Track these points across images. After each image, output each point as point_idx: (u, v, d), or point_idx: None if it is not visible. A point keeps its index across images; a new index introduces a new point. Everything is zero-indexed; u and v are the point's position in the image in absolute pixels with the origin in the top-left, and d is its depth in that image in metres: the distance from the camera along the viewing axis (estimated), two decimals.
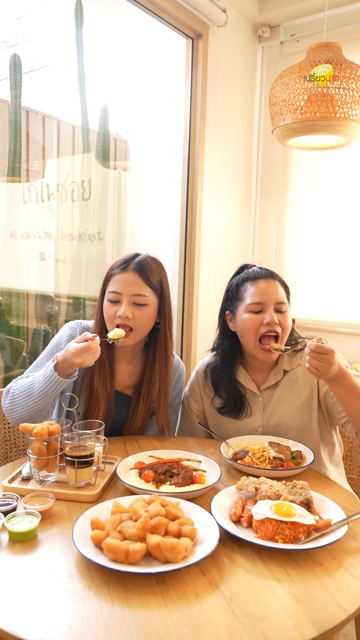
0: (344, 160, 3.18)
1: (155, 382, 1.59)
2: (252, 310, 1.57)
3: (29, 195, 2.62)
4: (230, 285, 1.69)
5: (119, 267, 1.52)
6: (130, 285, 1.49)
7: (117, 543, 0.94)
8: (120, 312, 1.48)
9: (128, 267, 1.50)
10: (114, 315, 1.49)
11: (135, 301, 1.49)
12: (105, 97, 2.67)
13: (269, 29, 3.33)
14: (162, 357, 1.60)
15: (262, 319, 1.55)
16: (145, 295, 1.50)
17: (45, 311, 2.62)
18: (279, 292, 1.57)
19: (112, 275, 1.52)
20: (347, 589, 0.91)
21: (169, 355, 1.61)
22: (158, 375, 1.60)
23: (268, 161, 3.48)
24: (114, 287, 1.50)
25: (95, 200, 2.65)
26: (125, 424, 1.64)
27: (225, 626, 0.80)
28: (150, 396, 1.60)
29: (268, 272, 1.62)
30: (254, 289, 1.57)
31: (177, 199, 3.09)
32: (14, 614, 0.82)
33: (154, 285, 1.53)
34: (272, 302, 1.56)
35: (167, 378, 1.62)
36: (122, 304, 1.49)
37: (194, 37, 2.95)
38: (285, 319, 1.57)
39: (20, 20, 2.90)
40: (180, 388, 1.74)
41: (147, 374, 1.60)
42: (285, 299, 1.59)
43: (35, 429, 1.24)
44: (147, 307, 1.51)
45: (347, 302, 3.18)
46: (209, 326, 3.27)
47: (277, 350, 1.54)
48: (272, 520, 1.04)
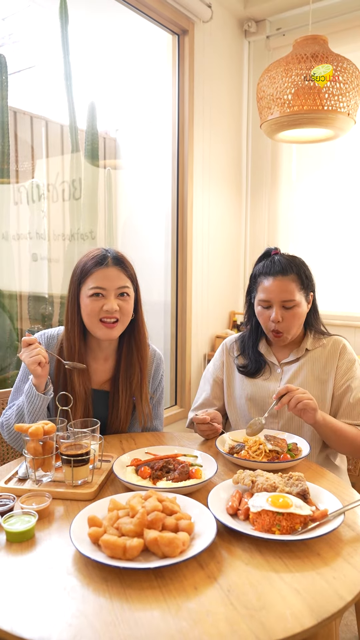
0: (333, 153, 3.19)
1: (134, 373, 1.62)
2: (261, 305, 1.67)
3: (19, 196, 2.60)
4: (253, 272, 1.76)
5: (96, 264, 1.52)
6: (115, 279, 1.51)
7: (115, 539, 0.94)
8: (108, 307, 1.49)
9: (107, 263, 1.52)
10: (99, 310, 1.50)
11: (120, 293, 1.53)
12: (92, 96, 2.66)
13: (255, 24, 3.33)
14: (140, 348, 1.63)
15: (269, 315, 1.65)
16: (128, 287, 1.55)
17: (39, 312, 2.61)
18: (287, 290, 1.62)
19: (90, 272, 1.52)
20: (344, 578, 0.91)
21: (145, 345, 1.65)
22: (137, 365, 1.62)
23: (258, 155, 3.49)
24: (98, 283, 1.50)
25: (86, 200, 2.64)
26: (107, 420, 1.63)
27: (225, 618, 0.81)
28: (129, 388, 1.61)
29: (281, 267, 1.64)
30: (265, 286, 1.65)
31: (167, 196, 3.09)
32: (12, 613, 0.82)
33: (133, 277, 1.58)
34: (279, 301, 1.63)
35: (145, 368, 1.64)
36: (106, 298, 1.50)
37: (180, 34, 2.94)
38: (292, 316, 1.64)
39: (5, 21, 2.88)
40: (161, 377, 1.75)
41: (124, 366, 1.62)
42: (294, 296, 1.62)
43: (30, 429, 1.24)
44: (130, 298, 1.56)
45: (340, 294, 3.19)
46: (203, 321, 3.28)
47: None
48: (268, 512, 1.05)
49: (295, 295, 1.63)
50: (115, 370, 1.64)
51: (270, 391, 1.70)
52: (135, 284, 1.59)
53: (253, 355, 1.77)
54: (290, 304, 1.63)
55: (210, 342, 3.37)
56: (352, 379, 1.65)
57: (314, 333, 1.74)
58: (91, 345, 1.62)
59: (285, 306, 1.63)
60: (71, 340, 1.56)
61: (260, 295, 1.67)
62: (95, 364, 1.64)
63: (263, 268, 1.68)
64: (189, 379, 3.20)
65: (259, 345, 1.79)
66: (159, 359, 1.74)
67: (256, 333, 1.79)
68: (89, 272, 1.52)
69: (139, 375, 1.62)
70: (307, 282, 1.67)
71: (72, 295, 1.56)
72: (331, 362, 1.68)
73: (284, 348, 1.76)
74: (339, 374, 1.66)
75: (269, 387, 1.71)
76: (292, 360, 1.72)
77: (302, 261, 1.70)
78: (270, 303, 1.64)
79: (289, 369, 1.72)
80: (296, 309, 1.64)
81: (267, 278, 1.65)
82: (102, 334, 1.53)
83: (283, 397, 1.47)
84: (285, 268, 1.64)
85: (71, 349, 1.56)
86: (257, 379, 1.74)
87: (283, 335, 1.66)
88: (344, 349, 1.69)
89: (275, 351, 1.77)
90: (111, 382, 1.64)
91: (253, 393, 1.73)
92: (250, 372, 1.75)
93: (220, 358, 1.85)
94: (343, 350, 1.69)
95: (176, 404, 3.26)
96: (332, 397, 1.66)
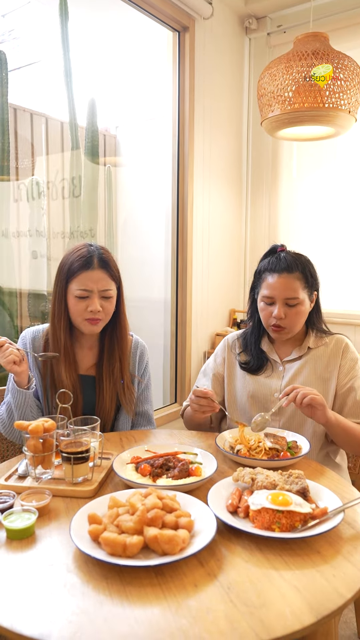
0: (334, 151, 3.18)
1: (116, 363, 1.71)
2: (265, 301, 1.68)
3: (19, 194, 2.60)
4: (258, 268, 1.76)
5: (82, 266, 1.59)
6: (99, 282, 1.59)
7: (115, 537, 0.94)
8: (92, 308, 1.58)
9: (93, 265, 1.59)
10: (84, 310, 1.59)
11: (103, 295, 1.61)
12: (92, 93, 2.65)
13: (256, 21, 3.32)
14: (120, 340, 1.71)
15: (271, 311, 1.65)
16: (111, 289, 1.63)
17: (39, 309, 2.61)
18: (291, 288, 1.62)
19: (77, 273, 1.59)
20: (344, 575, 0.91)
21: (125, 337, 1.73)
22: (118, 356, 1.71)
23: (258, 153, 3.48)
24: (83, 286, 1.58)
25: (86, 197, 2.63)
26: (96, 404, 1.71)
27: (224, 615, 0.81)
28: (112, 375, 1.70)
29: (286, 265, 1.64)
30: (269, 282, 1.66)
31: (167, 193, 3.09)
32: (12, 610, 0.82)
33: (116, 278, 1.66)
34: (282, 298, 1.63)
35: (125, 359, 1.73)
36: (91, 299, 1.59)
37: (181, 30, 2.93)
38: (295, 314, 1.64)
39: (5, 18, 2.87)
40: (146, 364, 1.84)
41: (107, 355, 1.71)
42: (298, 294, 1.63)
43: (30, 426, 1.24)
44: (113, 299, 1.64)
45: (341, 293, 3.19)
46: (203, 319, 3.27)
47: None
48: (268, 509, 1.05)
49: (299, 293, 1.63)
50: (99, 357, 1.73)
51: (272, 389, 1.70)
52: (118, 283, 1.67)
53: (255, 352, 1.77)
54: (294, 301, 1.63)
55: (210, 339, 3.37)
56: (355, 378, 1.65)
57: (316, 331, 1.74)
58: (76, 335, 1.71)
59: (289, 304, 1.63)
60: (57, 333, 1.65)
61: (264, 292, 1.67)
62: (81, 352, 1.73)
63: (268, 264, 1.68)
64: (189, 377, 3.20)
65: (261, 342, 1.79)
66: (142, 347, 1.83)
67: (259, 330, 1.79)
68: (76, 273, 1.59)
69: (119, 364, 1.71)
70: (311, 281, 1.67)
71: (59, 291, 1.64)
72: (334, 360, 1.68)
73: (286, 346, 1.76)
74: (341, 372, 1.66)
75: (270, 384, 1.71)
76: (295, 359, 1.72)
77: (307, 259, 1.70)
78: (274, 300, 1.65)
79: (291, 366, 1.72)
80: (299, 307, 1.64)
81: (271, 275, 1.65)
82: (86, 330, 1.63)
83: (289, 394, 1.46)
84: (290, 265, 1.64)
85: (58, 341, 1.65)
86: (259, 376, 1.74)
87: (284, 330, 1.66)
88: (346, 348, 1.69)
89: (277, 349, 1.77)
90: (96, 368, 1.73)
91: (255, 390, 1.73)
92: (252, 369, 1.75)
93: (222, 354, 1.85)
94: (346, 349, 1.69)
95: (176, 401, 3.26)
96: (335, 396, 1.66)
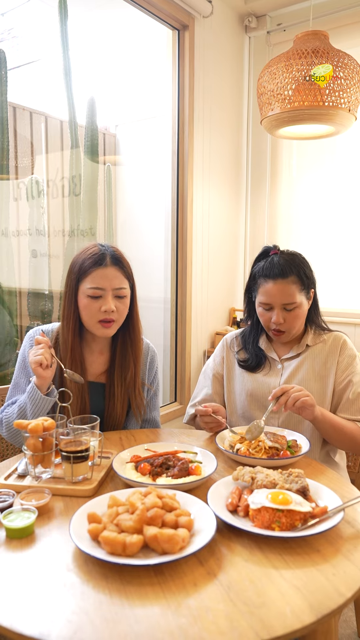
0: (334, 149, 3.18)
1: (129, 367, 1.64)
2: (262, 307, 1.67)
3: (18, 193, 2.60)
4: (252, 271, 1.75)
5: (94, 263, 1.52)
6: (113, 280, 1.53)
7: (115, 536, 0.94)
8: (106, 307, 1.51)
9: (106, 262, 1.53)
10: (97, 310, 1.52)
11: (117, 294, 1.54)
12: (92, 92, 2.65)
13: (255, 19, 3.32)
14: (134, 343, 1.65)
15: (270, 316, 1.65)
16: (125, 288, 1.56)
17: (39, 308, 2.61)
18: (287, 293, 1.62)
19: (89, 271, 1.52)
20: (344, 574, 0.91)
21: (139, 340, 1.67)
22: (132, 360, 1.65)
23: (258, 151, 3.48)
24: (96, 284, 1.51)
25: (86, 196, 2.63)
26: (105, 412, 1.65)
27: (224, 614, 0.81)
28: (124, 381, 1.64)
29: (280, 270, 1.63)
30: (265, 289, 1.65)
31: (167, 192, 3.08)
32: (12, 610, 0.82)
33: (130, 276, 1.59)
34: (279, 303, 1.63)
35: (139, 363, 1.67)
36: (104, 298, 1.52)
37: (180, 29, 2.93)
38: (294, 317, 1.64)
39: (4, 16, 2.87)
40: (156, 370, 1.78)
41: (119, 361, 1.64)
42: (295, 298, 1.62)
43: (30, 426, 1.24)
44: (126, 299, 1.58)
45: (340, 291, 3.19)
46: (202, 318, 3.27)
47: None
48: (268, 508, 1.05)
49: (296, 297, 1.62)
50: (111, 362, 1.66)
51: (270, 387, 1.70)
52: (131, 282, 1.60)
53: (254, 350, 1.77)
54: (292, 306, 1.62)
55: (209, 338, 3.37)
56: (353, 374, 1.65)
57: (315, 329, 1.74)
58: (86, 338, 1.64)
59: (287, 308, 1.63)
60: (66, 335, 1.58)
61: (261, 298, 1.66)
62: (91, 357, 1.66)
63: (262, 270, 1.67)
64: (189, 376, 3.20)
65: (259, 341, 1.79)
66: (152, 352, 1.77)
67: (257, 329, 1.80)
68: (87, 271, 1.52)
69: (132, 370, 1.65)
70: (307, 282, 1.66)
71: (70, 292, 1.57)
72: (332, 357, 1.68)
73: (284, 344, 1.76)
74: (339, 369, 1.66)
75: (269, 382, 1.71)
76: (293, 356, 1.72)
77: (301, 260, 1.69)
78: (271, 306, 1.64)
79: (290, 364, 1.72)
80: (297, 310, 1.64)
81: (266, 281, 1.64)
82: (99, 332, 1.56)
83: (280, 397, 1.47)
84: (284, 270, 1.62)
85: (66, 342, 1.58)
86: (257, 374, 1.74)
87: (284, 334, 1.66)
88: (344, 345, 1.69)
89: (275, 347, 1.77)
90: (107, 375, 1.66)
91: (253, 389, 1.73)
92: (251, 367, 1.75)
93: (221, 354, 1.85)
94: (344, 346, 1.69)
95: (175, 400, 3.26)
96: (333, 393, 1.66)
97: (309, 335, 1.73)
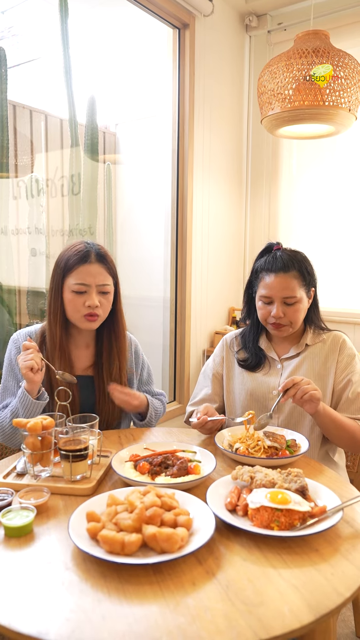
0: (334, 149, 3.18)
1: (115, 361, 1.68)
2: (263, 300, 1.68)
3: (18, 191, 2.59)
4: (254, 267, 1.76)
5: (79, 260, 1.56)
6: (97, 276, 1.57)
7: (113, 535, 0.94)
8: (90, 303, 1.56)
9: (90, 259, 1.57)
10: (82, 305, 1.56)
11: (101, 290, 1.59)
12: (92, 90, 2.64)
13: (256, 18, 3.32)
14: (118, 338, 1.69)
15: (270, 310, 1.66)
16: (109, 284, 1.60)
17: (38, 307, 2.61)
18: (288, 287, 1.62)
19: (74, 267, 1.56)
20: (342, 574, 0.91)
21: (123, 335, 1.71)
22: (117, 354, 1.68)
23: (258, 151, 3.48)
24: (80, 279, 1.55)
25: (85, 195, 2.62)
26: (96, 404, 1.67)
27: (223, 613, 0.81)
28: (111, 375, 1.67)
29: (283, 264, 1.64)
30: (266, 282, 1.66)
31: (167, 191, 3.08)
32: (10, 608, 0.82)
33: (114, 273, 1.64)
34: (280, 297, 1.63)
35: (124, 357, 1.71)
36: (89, 294, 1.56)
37: (181, 27, 2.93)
38: (294, 312, 1.65)
39: (4, 14, 2.86)
40: (142, 355, 1.83)
41: (105, 355, 1.68)
42: (295, 292, 1.63)
43: (28, 424, 1.24)
44: (110, 295, 1.62)
45: (339, 291, 3.19)
46: (202, 317, 3.27)
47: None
48: (267, 508, 1.05)
49: (297, 292, 1.63)
50: (97, 356, 1.70)
51: (270, 386, 1.70)
52: (115, 278, 1.65)
53: (253, 349, 1.77)
54: (292, 300, 1.63)
55: (209, 338, 3.37)
56: (352, 373, 1.65)
57: (314, 328, 1.74)
58: (72, 333, 1.68)
59: (287, 302, 1.63)
60: (54, 329, 1.62)
61: (262, 291, 1.67)
62: (77, 351, 1.70)
63: (265, 264, 1.68)
64: (188, 375, 3.20)
65: (259, 340, 1.79)
66: (135, 342, 1.82)
67: (257, 328, 1.80)
68: (73, 267, 1.57)
69: (117, 365, 1.69)
70: (308, 278, 1.67)
71: (55, 287, 1.61)
72: (331, 357, 1.68)
73: (284, 343, 1.76)
74: (339, 368, 1.66)
75: (269, 382, 1.71)
76: (293, 356, 1.72)
77: (304, 257, 1.70)
78: (272, 299, 1.65)
79: (289, 364, 1.72)
80: (297, 305, 1.64)
81: (268, 274, 1.65)
82: (83, 326, 1.60)
83: (289, 390, 1.47)
84: (287, 264, 1.63)
85: (54, 337, 1.62)
86: (257, 373, 1.74)
87: (284, 327, 1.66)
88: (344, 344, 1.69)
89: (275, 346, 1.77)
90: (94, 368, 1.70)
91: (253, 388, 1.73)
92: (251, 366, 1.75)
93: (220, 354, 1.85)
94: (343, 345, 1.69)
95: (175, 399, 3.26)
96: (333, 392, 1.66)
97: (308, 334, 1.73)
